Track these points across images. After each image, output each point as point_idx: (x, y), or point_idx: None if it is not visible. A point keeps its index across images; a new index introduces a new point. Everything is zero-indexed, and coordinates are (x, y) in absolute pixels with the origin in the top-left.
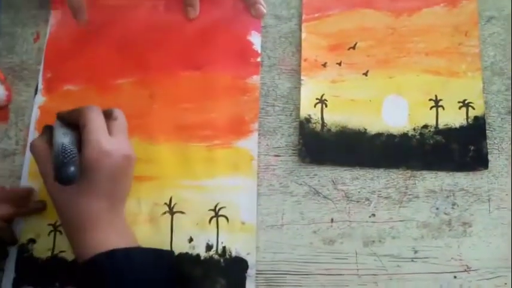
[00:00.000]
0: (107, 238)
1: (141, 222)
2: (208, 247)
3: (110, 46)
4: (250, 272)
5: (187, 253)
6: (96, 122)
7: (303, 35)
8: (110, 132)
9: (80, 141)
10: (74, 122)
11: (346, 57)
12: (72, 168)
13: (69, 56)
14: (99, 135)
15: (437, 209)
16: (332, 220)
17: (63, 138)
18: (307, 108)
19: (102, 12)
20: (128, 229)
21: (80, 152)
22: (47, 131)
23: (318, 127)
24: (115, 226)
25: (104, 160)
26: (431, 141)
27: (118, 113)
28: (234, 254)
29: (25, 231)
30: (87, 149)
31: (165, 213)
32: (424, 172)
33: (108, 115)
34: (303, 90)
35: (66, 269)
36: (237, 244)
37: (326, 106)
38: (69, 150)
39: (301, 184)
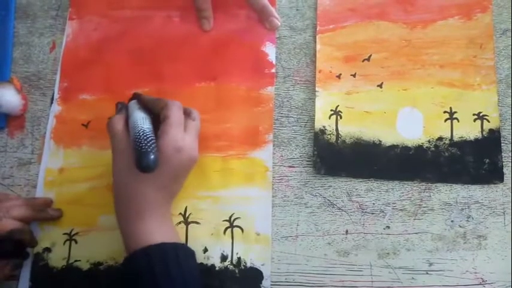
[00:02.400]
0: (157, 231)
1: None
2: (223, 258)
3: (125, 56)
4: (265, 283)
5: (202, 263)
6: (177, 117)
7: (318, 47)
8: (185, 129)
9: (155, 127)
10: (155, 110)
11: (361, 68)
12: (152, 157)
13: (85, 65)
14: (176, 130)
15: (452, 221)
16: (347, 232)
17: (144, 123)
18: (322, 119)
19: (118, 23)
20: (173, 224)
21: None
22: (123, 110)
23: (333, 138)
24: (166, 219)
25: (174, 155)
26: (446, 154)
27: (196, 114)
28: (249, 264)
29: (41, 240)
30: (163, 141)
31: (180, 223)
32: (439, 184)
33: (187, 113)
34: (318, 102)
35: (81, 278)
36: (252, 255)
37: (341, 118)
38: (150, 138)
39: (315, 195)
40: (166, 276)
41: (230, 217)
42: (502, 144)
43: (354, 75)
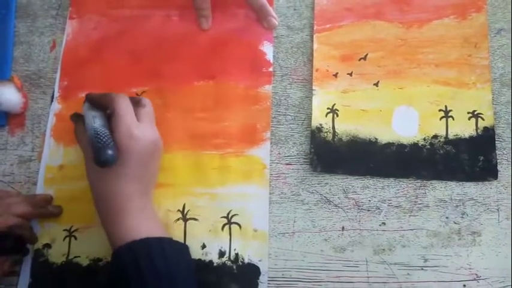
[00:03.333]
0: (140, 225)
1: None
2: (221, 254)
3: (124, 55)
4: (263, 278)
5: (200, 259)
6: (125, 108)
7: (315, 46)
8: (138, 118)
9: (109, 122)
10: (103, 105)
11: (357, 67)
12: (109, 152)
13: (85, 64)
14: (128, 120)
15: (447, 218)
16: (343, 228)
17: (94, 121)
18: (319, 117)
19: (118, 22)
20: (156, 217)
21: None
22: (79, 117)
23: (329, 136)
24: (146, 213)
25: (133, 145)
26: (442, 151)
27: (145, 101)
28: (246, 260)
29: (41, 236)
30: (117, 133)
31: (178, 219)
32: (434, 182)
33: (136, 102)
34: (315, 100)
35: (81, 274)
36: (249, 251)
37: (337, 116)
38: (102, 133)
39: (312, 192)
40: (152, 270)
41: (228, 214)
42: (496, 142)
43: (351, 74)
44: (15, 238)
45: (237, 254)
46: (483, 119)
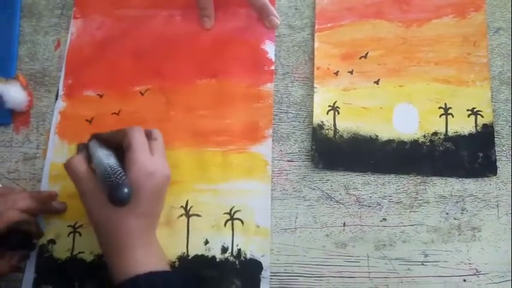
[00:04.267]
0: (145, 259)
1: (157, 225)
2: (224, 249)
3: (128, 54)
4: (265, 273)
5: (203, 255)
6: (140, 142)
7: (316, 44)
8: (150, 151)
9: (121, 161)
10: (116, 142)
11: (358, 66)
12: (125, 190)
13: (89, 63)
14: (143, 155)
15: (447, 214)
16: (344, 224)
17: (108, 159)
18: (320, 115)
19: (121, 22)
20: (161, 249)
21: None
22: (83, 149)
23: (331, 133)
24: (152, 246)
25: (147, 181)
26: (441, 148)
27: (157, 134)
28: (248, 256)
29: (45, 232)
30: (132, 170)
31: (181, 216)
32: (434, 178)
33: (148, 135)
34: (316, 98)
35: (85, 270)
36: (251, 246)
37: (338, 113)
38: (119, 172)
39: (314, 189)
40: None
41: (230, 210)
42: (496, 139)
43: (351, 72)
44: (22, 234)
45: (239, 250)
46: (482, 116)
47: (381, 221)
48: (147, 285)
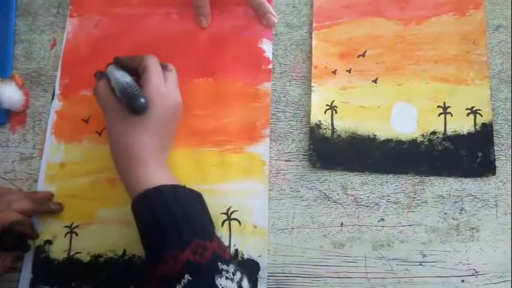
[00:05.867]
0: (157, 174)
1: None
2: None
3: (124, 53)
4: (262, 274)
5: None
6: (155, 66)
7: (314, 43)
8: (164, 79)
9: (138, 80)
10: (132, 67)
11: (356, 64)
12: (142, 99)
13: (86, 62)
14: (157, 78)
15: (445, 214)
16: (342, 224)
17: (125, 77)
18: (318, 114)
19: (117, 21)
20: (171, 172)
21: None
22: (102, 75)
23: (328, 133)
24: (163, 166)
25: (160, 101)
26: (440, 148)
27: (171, 67)
28: (246, 256)
29: (42, 232)
30: (147, 88)
31: None
32: (432, 178)
33: (163, 66)
34: (314, 97)
35: (82, 270)
36: (249, 247)
37: (336, 112)
38: (134, 86)
39: (311, 189)
40: (167, 214)
41: (228, 210)
42: (495, 138)
43: (349, 71)
44: (17, 234)
45: (236, 250)
46: (481, 115)
47: (378, 221)
48: (157, 198)
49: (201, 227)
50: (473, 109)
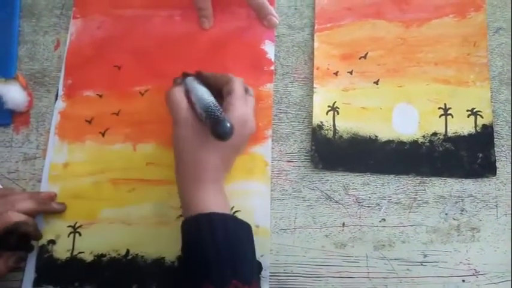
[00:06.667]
0: (215, 200)
1: (156, 225)
2: None
3: (127, 54)
4: (264, 273)
5: None
6: (241, 91)
7: (316, 44)
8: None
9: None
10: (217, 84)
11: (358, 66)
12: (228, 125)
13: (89, 63)
14: (242, 105)
15: (446, 214)
16: (343, 224)
17: (210, 96)
18: (320, 115)
19: (121, 22)
20: (227, 199)
21: None
22: (182, 83)
23: (330, 134)
24: (222, 191)
25: (240, 128)
26: (441, 149)
27: (252, 91)
28: None
29: (45, 232)
30: (231, 113)
31: (180, 216)
32: (433, 178)
33: (245, 89)
34: (316, 98)
35: (85, 270)
36: None
37: (338, 113)
38: (219, 108)
39: (313, 189)
40: (214, 245)
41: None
42: (495, 139)
43: (351, 73)
44: (20, 235)
45: None
46: (482, 117)
47: (380, 221)
48: (207, 225)
49: (244, 267)
50: (474, 110)
